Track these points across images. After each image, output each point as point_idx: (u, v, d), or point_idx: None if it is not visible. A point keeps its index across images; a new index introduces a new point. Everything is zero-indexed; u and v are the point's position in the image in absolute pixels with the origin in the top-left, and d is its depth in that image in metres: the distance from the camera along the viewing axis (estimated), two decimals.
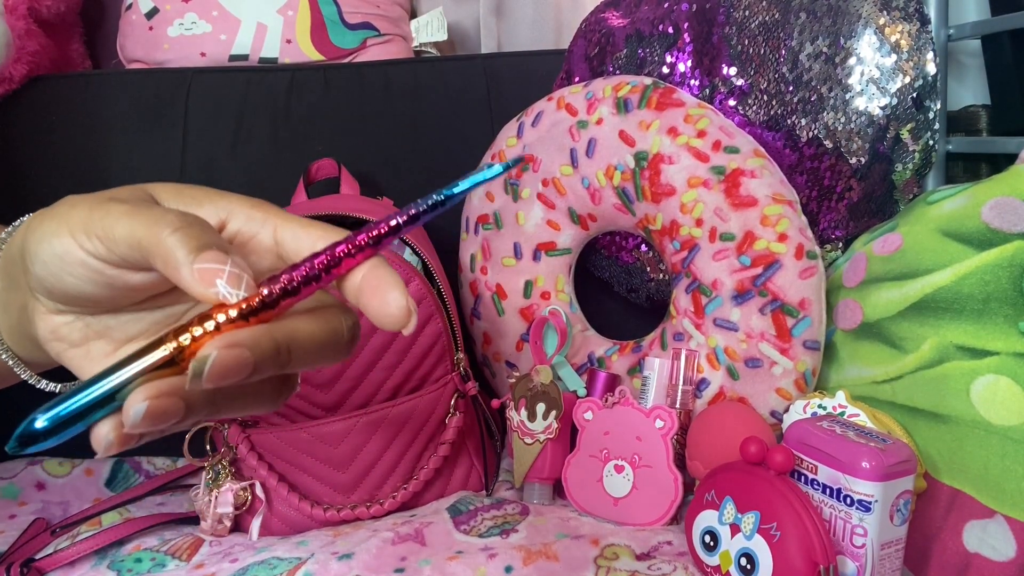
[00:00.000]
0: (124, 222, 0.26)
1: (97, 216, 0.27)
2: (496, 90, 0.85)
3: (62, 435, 0.25)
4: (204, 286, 0.24)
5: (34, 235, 0.28)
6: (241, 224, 0.30)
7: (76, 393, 0.25)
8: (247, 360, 0.24)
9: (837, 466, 0.48)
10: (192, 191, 0.30)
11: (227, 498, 0.61)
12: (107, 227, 0.26)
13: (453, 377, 0.66)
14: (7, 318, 0.34)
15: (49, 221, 0.28)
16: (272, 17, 0.90)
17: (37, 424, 0.24)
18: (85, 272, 0.28)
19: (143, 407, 0.24)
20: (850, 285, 0.62)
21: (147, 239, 0.25)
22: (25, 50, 0.80)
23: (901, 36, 0.64)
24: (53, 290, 0.29)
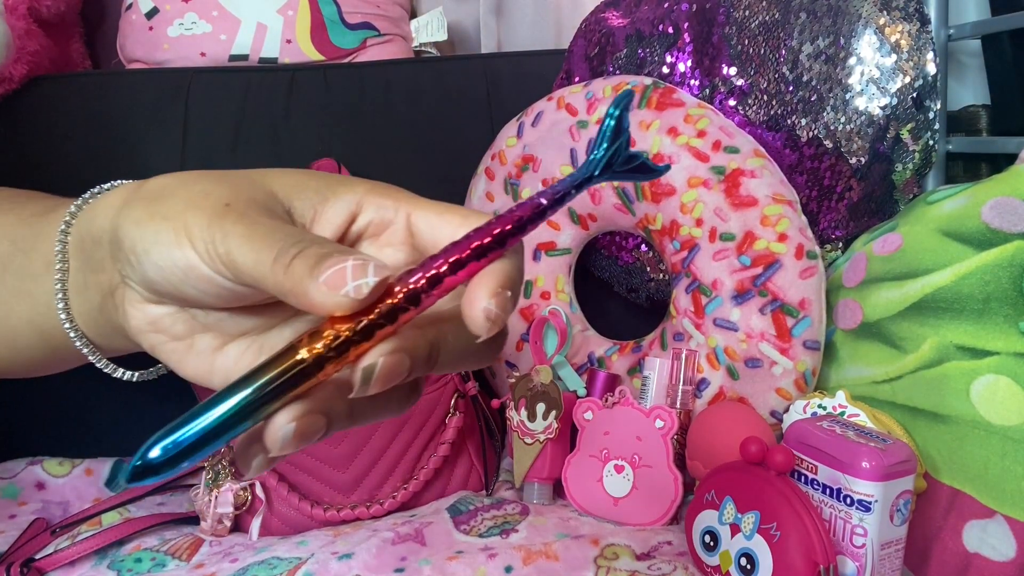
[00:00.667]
0: (244, 250, 0.24)
1: (218, 236, 0.25)
2: (496, 90, 0.85)
3: (181, 466, 0.21)
4: (335, 292, 0.22)
5: (143, 233, 0.26)
6: (372, 215, 0.28)
7: (197, 416, 0.22)
8: (405, 365, 0.23)
9: (837, 466, 0.48)
10: (316, 183, 0.28)
11: (227, 498, 0.61)
12: (228, 251, 0.25)
13: (453, 377, 0.66)
14: (84, 300, 0.31)
15: (161, 223, 0.26)
16: (272, 17, 0.90)
17: (152, 454, 0.21)
18: (211, 288, 0.26)
19: (291, 428, 0.22)
20: (850, 285, 0.62)
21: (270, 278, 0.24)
22: (25, 50, 0.80)
23: (901, 36, 0.64)
24: (165, 292, 0.27)
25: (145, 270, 0.27)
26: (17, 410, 0.78)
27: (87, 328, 0.32)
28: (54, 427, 0.78)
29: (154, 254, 0.26)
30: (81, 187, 0.34)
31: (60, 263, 0.31)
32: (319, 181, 0.28)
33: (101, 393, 0.78)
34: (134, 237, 0.27)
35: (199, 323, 0.29)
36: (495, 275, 0.24)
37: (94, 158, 0.81)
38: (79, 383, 0.78)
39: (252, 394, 0.21)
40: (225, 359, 0.29)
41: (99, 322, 0.32)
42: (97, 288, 0.31)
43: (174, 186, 0.27)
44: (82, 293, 0.31)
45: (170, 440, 0.21)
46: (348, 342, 0.22)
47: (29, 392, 0.78)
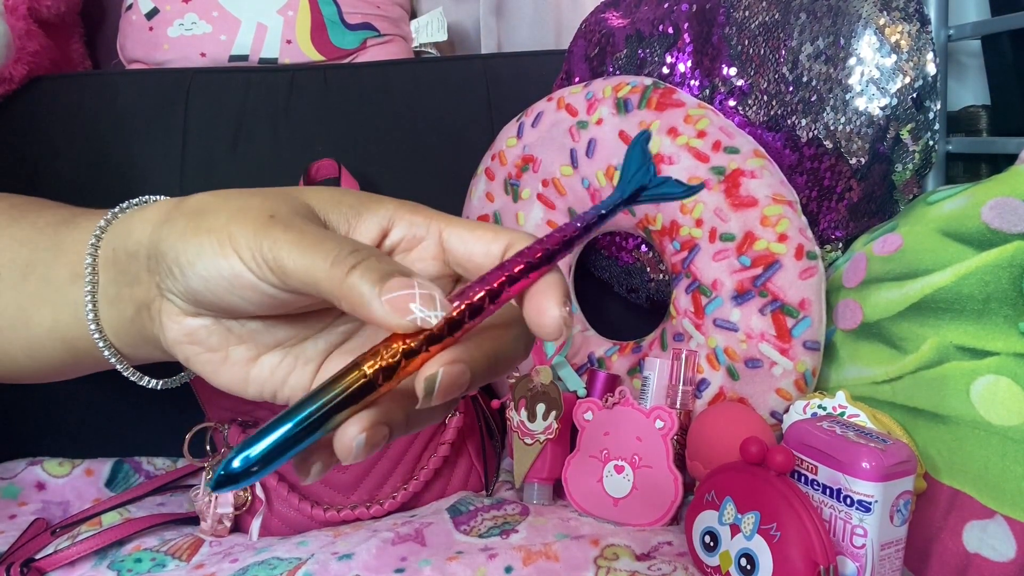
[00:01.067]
0: (294, 255, 0.25)
1: (266, 244, 0.26)
2: (496, 90, 0.85)
3: (258, 474, 0.23)
4: (399, 316, 0.23)
5: (187, 246, 0.27)
6: (404, 231, 0.29)
7: (272, 430, 0.24)
8: (467, 376, 0.24)
9: (837, 466, 0.48)
10: (350, 199, 0.29)
11: (227, 498, 0.61)
12: (278, 258, 0.26)
13: None
14: (115, 312, 0.32)
15: (206, 235, 0.27)
16: (272, 17, 0.90)
17: (234, 464, 0.23)
18: (255, 296, 0.27)
19: (362, 438, 0.23)
20: (850, 285, 0.62)
21: (325, 281, 0.25)
22: (25, 50, 0.80)
23: (901, 36, 0.64)
24: (208, 303, 0.28)
25: (189, 281, 0.28)
26: (17, 410, 0.78)
27: (115, 338, 0.33)
28: (54, 427, 0.78)
29: (199, 265, 0.27)
30: (81, 187, 0.34)
31: (90, 275, 0.32)
32: (352, 197, 0.30)
33: (101, 393, 0.78)
34: (178, 249, 0.28)
35: (234, 335, 0.30)
36: (557, 286, 0.25)
37: (94, 158, 0.81)
38: (79, 383, 0.78)
39: (321, 408, 0.23)
40: (260, 370, 0.30)
41: (130, 332, 0.33)
42: (131, 300, 0.31)
43: (216, 202, 0.28)
44: (114, 305, 0.32)
45: (248, 452, 0.23)
46: (411, 352, 0.24)
47: (29, 392, 0.78)
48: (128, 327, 0.32)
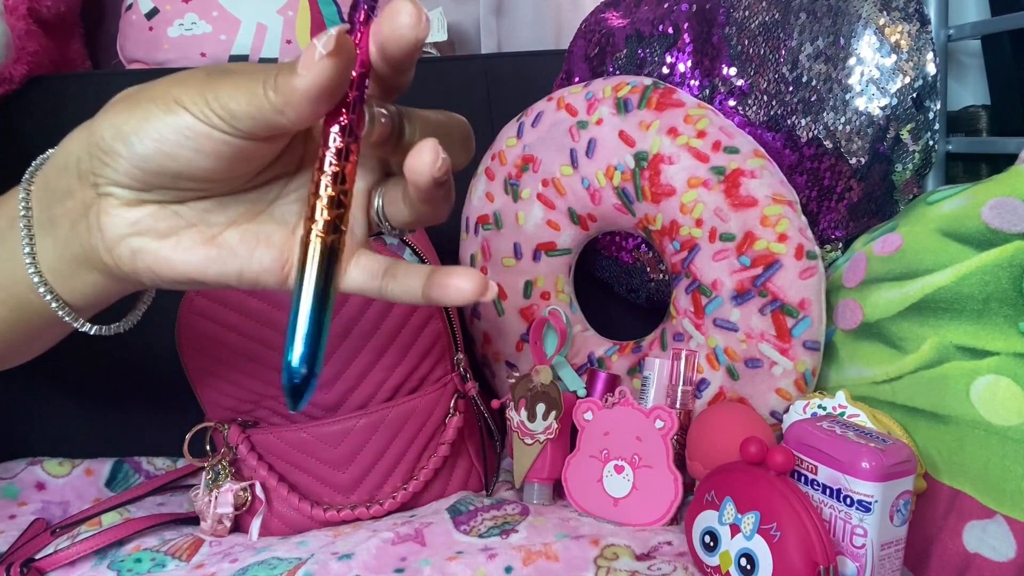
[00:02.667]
0: (237, 96, 0.27)
1: (210, 95, 0.27)
2: (496, 90, 0.85)
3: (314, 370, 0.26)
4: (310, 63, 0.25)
5: (130, 118, 0.28)
6: None
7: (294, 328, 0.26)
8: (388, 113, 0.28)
9: (837, 466, 0.48)
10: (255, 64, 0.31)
11: (227, 498, 0.61)
12: (223, 104, 0.27)
13: (453, 377, 0.66)
14: (51, 239, 0.32)
15: (148, 104, 0.28)
16: (272, 17, 0.90)
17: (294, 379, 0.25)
18: (210, 145, 0.28)
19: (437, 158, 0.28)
20: (850, 285, 0.62)
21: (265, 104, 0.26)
22: (25, 50, 0.80)
23: (901, 36, 0.64)
24: (160, 170, 0.29)
25: (137, 148, 0.28)
26: (17, 410, 0.78)
27: (52, 273, 0.33)
28: (54, 427, 0.78)
29: (149, 128, 0.28)
30: None
31: (24, 209, 0.32)
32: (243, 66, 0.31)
33: (101, 393, 0.78)
34: (120, 124, 0.28)
35: (183, 219, 0.31)
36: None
37: None
38: (79, 383, 0.79)
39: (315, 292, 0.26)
40: (220, 250, 0.31)
41: (65, 257, 0.32)
42: (64, 217, 0.31)
43: (149, 83, 0.30)
44: (48, 231, 0.32)
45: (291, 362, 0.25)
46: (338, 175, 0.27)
47: (29, 392, 0.78)
48: (64, 252, 0.32)
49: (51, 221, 0.32)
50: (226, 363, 0.60)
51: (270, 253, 0.31)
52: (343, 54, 0.25)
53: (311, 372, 0.25)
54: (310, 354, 0.25)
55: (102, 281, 0.33)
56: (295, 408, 0.26)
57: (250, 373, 0.61)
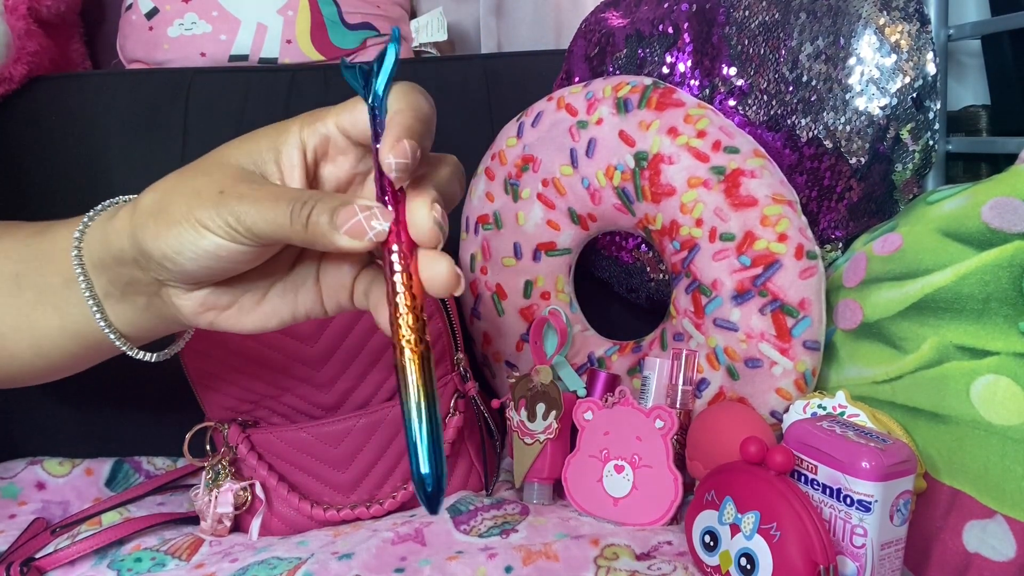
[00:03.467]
0: (257, 218, 0.30)
1: (230, 217, 0.30)
2: (496, 90, 0.85)
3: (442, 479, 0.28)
4: (360, 239, 0.29)
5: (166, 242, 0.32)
6: (314, 140, 0.34)
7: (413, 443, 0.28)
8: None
9: (837, 466, 0.48)
10: (265, 142, 0.34)
11: (227, 498, 0.61)
12: (245, 224, 0.30)
13: (453, 377, 0.66)
14: (128, 306, 0.37)
15: (176, 227, 0.31)
16: (272, 17, 0.90)
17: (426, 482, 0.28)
18: (239, 255, 0.32)
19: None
20: (850, 285, 0.62)
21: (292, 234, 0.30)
22: (25, 50, 0.80)
23: (901, 36, 0.65)
24: (204, 276, 0.33)
25: (183, 266, 0.32)
26: (17, 410, 0.78)
27: (130, 327, 0.38)
28: (54, 427, 0.78)
29: (185, 252, 0.32)
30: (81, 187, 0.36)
31: (84, 280, 0.37)
32: (267, 139, 0.34)
33: (101, 393, 0.78)
34: (161, 247, 0.32)
35: (237, 288, 0.35)
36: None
37: (94, 158, 0.81)
38: (79, 383, 0.79)
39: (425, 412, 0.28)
40: (273, 304, 0.36)
41: (145, 318, 0.38)
42: (138, 294, 0.36)
43: (166, 196, 0.33)
44: (123, 301, 0.37)
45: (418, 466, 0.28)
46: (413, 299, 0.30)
47: (29, 392, 0.77)
48: (143, 314, 0.37)
49: (123, 295, 0.37)
50: (226, 363, 0.60)
51: (308, 295, 0.36)
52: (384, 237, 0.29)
53: (439, 476, 0.28)
54: (436, 461, 0.28)
55: (183, 328, 0.40)
56: (434, 512, 0.28)
57: (250, 373, 0.61)
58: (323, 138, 0.34)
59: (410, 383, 0.28)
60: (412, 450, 0.28)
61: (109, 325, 0.37)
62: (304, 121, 0.34)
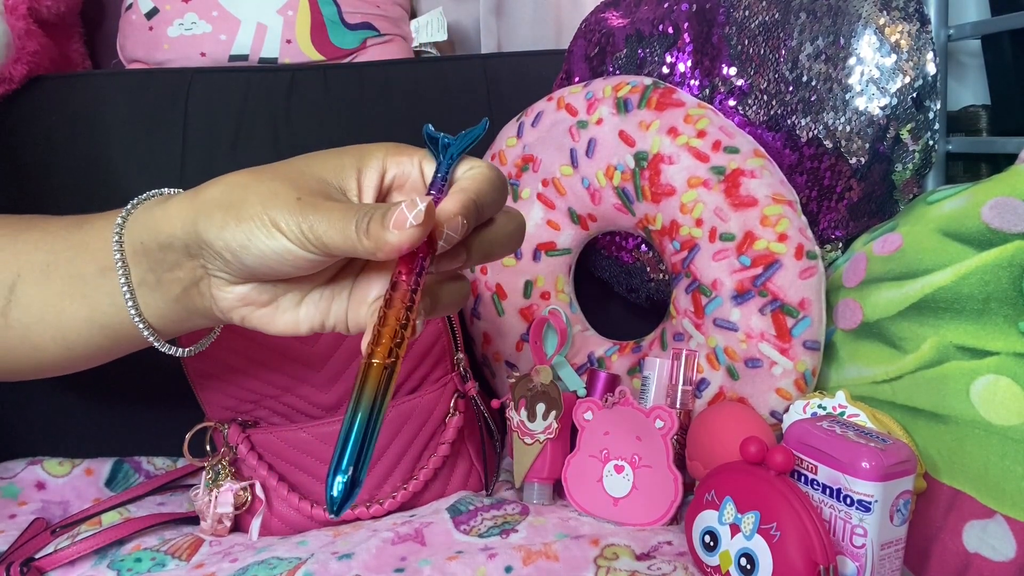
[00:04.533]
0: (330, 232, 0.31)
1: (304, 225, 0.32)
2: (496, 90, 0.85)
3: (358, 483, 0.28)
4: (402, 228, 0.30)
5: (234, 235, 0.33)
6: (396, 170, 0.36)
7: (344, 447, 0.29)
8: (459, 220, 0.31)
9: (837, 466, 0.48)
10: (350, 159, 0.35)
11: (227, 498, 0.61)
12: (317, 235, 0.32)
13: (453, 377, 0.66)
14: (160, 295, 0.37)
15: (248, 223, 0.32)
16: (272, 17, 0.90)
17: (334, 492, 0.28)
18: (302, 263, 0.33)
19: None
20: (850, 285, 0.62)
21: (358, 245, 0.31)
22: (25, 50, 0.80)
23: (901, 36, 0.65)
24: (262, 275, 0.34)
25: (244, 261, 0.33)
26: (17, 410, 0.78)
27: (159, 319, 0.38)
28: (54, 427, 0.78)
29: (252, 248, 0.32)
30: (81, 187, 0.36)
31: (121, 267, 0.37)
32: (352, 157, 0.36)
33: (101, 393, 0.78)
34: (227, 239, 0.33)
35: (280, 288, 0.36)
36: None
37: (94, 158, 0.81)
38: (79, 383, 0.79)
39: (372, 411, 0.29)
40: (308, 309, 0.37)
41: (176, 310, 0.38)
42: (176, 283, 0.37)
43: (241, 192, 0.34)
44: (157, 289, 0.37)
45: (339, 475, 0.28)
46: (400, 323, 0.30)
47: (29, 392, 0.78)
48: (174, 306, 0.38)
49: (159, 283, 0.37)
50: (226, 363, 0.60)
51: (341, 306, 0.37)
52: (427, 222, 0.30)
53: (356, 480, 0.28)
54: (357, 464, 0.28)
55: (210, 323, 0.39)
56: (334, 514, 0.28)
57: (250, 373, 0.61)
58: (404, 171, 0.36)
59: (366, 387, 0.29)
60: (338, 451, 0.28)
61: (140, 315, 0.38)
62: (389, 151, 0.36)
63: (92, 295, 0.38)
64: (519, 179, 0.73)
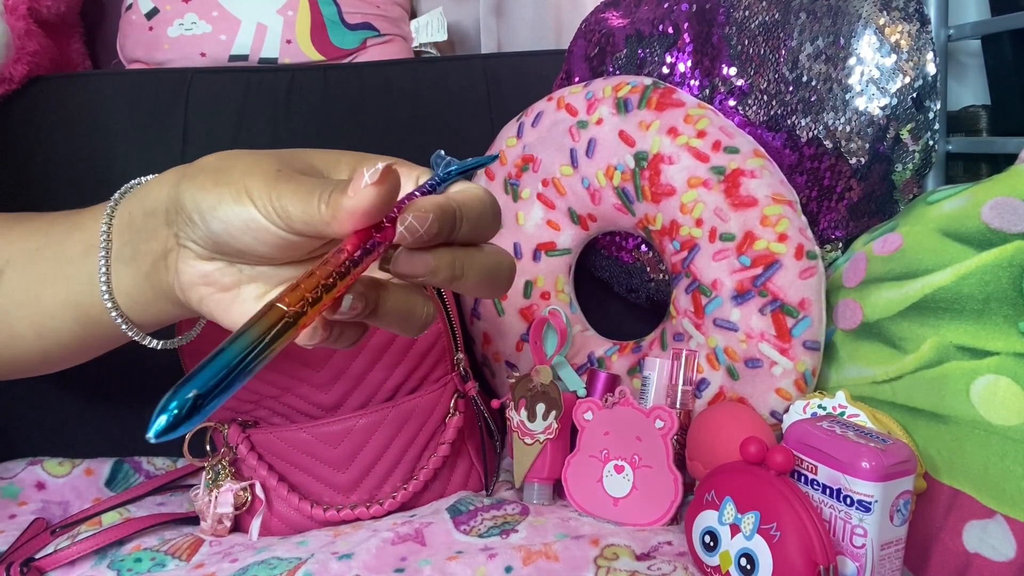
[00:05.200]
0: (295, 202, 0.30)
1: (274, 194, 0.31)
2: (496, 90, 0.85)
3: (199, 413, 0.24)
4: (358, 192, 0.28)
5: (207, 196, 0.32)
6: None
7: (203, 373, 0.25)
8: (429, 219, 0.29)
9: (837, 466, 0.48)
10: (347, 158, 0.35)
11: (227, 498, 0.61)
12: (284, 205, 0.31)
13: (453, 377, 0.66)
14: (132, 271, 0.37)
15: (224, 187, 0.32)
16: (272, 17, 0.90)
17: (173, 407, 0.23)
18: (268, 237, 0.32)
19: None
20: (850, 285, 0.62)
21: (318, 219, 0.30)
22: (25, 50, 0.80)
23: (901, 36, 0.64)
24: (225, 244, 0.33)
25: (210, 225, 0.32)
26: (17, 410, 0.78)
27: (127, 299, 0.37)
28: (54, 427, 0.78)
29: (219, 211, 0.32)
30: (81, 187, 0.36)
31: (105, 242, 0.37)
32: (350, 157, 0.35)
33: (101, 393, 0.78)
34: (198, 199, 0.32)
35: (245, 275, 0.35)
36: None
37: (94, 158, 0.81)
38: (79, 383, 0.79)
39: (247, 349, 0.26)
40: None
41: (143, 288, 0.37)
42: (148, 255, 0.36)
43: (230, 160, 0.33)
44: (130, 264, 0.37)
45: (185, 393, 0.24)
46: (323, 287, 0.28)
47: (29, 392, 0.78)
48: (142, 283, 0.37)
49: (133, 256, 0.36)
50: None
51: None
52: (386, 184, 0.28)
53: (196, 407, 0.24)
54: (208, 393, 0.24)
55: (174, 310, 0.38)
56: (149, 432, 0.23)
57: None
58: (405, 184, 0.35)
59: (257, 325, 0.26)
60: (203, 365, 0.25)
61: (110, 294, 0.37)
62: (390, 160, 0.35)
63: (73, 275, 0.38)
64: (519, 179, 0.73)
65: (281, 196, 0.31)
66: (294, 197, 0.30)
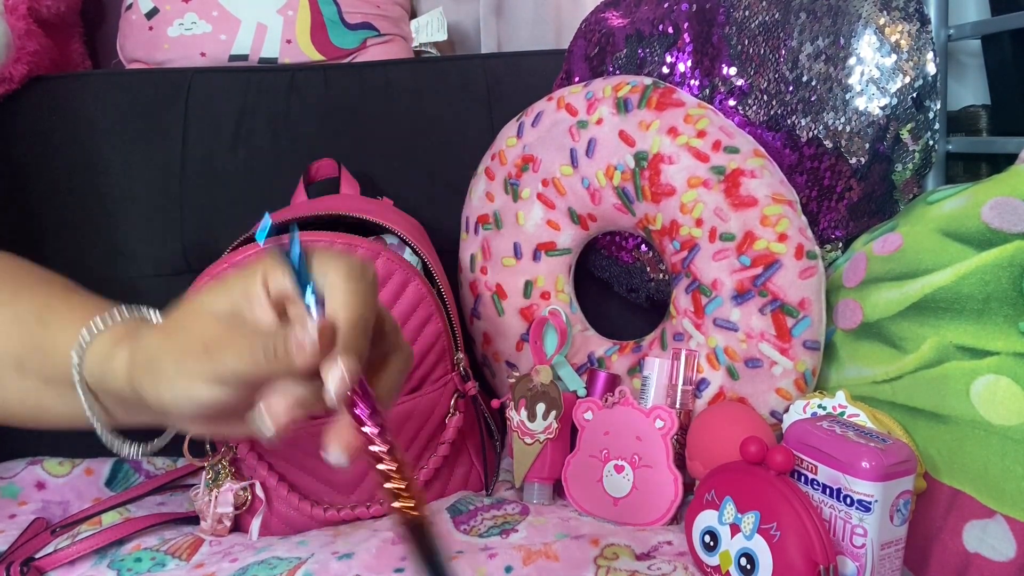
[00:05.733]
0: (239, 365, 0.33)
1: (217, 369, 0.33)
2: (496, 90, 0.85)
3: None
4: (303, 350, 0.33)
5: (160, 397, 0.35)
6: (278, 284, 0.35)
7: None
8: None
9: (837, 466, 0.48)
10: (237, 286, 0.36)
11: (227, 498, 0.61)
12: (232, 372, 0.33)
13: (453, 377, 0.66)
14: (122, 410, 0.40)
15: (168, 383, 0.34)
16: (272, 17, 0.90)
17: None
18: (234, 395, 0.34)
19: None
20: (850, 285, 0.62)
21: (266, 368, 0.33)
22: (25, 50, 0.80)
23: (901, 36, 0.65)
24: (203, 415, 0.36)
25: (181, 411, 0.35)
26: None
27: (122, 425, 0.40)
28: None
29: (180, 403, 0.34)
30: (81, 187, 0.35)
31: (85, 395, 0.39)
32: (237, 284, 0.36)
33: None
34: (160, 400, 0.35)
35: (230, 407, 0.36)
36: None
37: (94, 158, 0.81)
38: None
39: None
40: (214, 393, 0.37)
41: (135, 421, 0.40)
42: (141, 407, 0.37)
43: (157, 355, 0.35)
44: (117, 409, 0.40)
45: None
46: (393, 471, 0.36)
47: None
48: (135, 417, 0.39)
49: (127, 410, 0.39)
50: None
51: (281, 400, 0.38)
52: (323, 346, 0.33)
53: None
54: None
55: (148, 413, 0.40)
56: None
57: None
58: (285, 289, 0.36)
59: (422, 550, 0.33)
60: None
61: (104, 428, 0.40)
62: (268, 270, 0.35)
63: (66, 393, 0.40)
64: (519, 179, 0.73)
65: (223, 368, 0.33)
66: (237, 362, 0.33)
